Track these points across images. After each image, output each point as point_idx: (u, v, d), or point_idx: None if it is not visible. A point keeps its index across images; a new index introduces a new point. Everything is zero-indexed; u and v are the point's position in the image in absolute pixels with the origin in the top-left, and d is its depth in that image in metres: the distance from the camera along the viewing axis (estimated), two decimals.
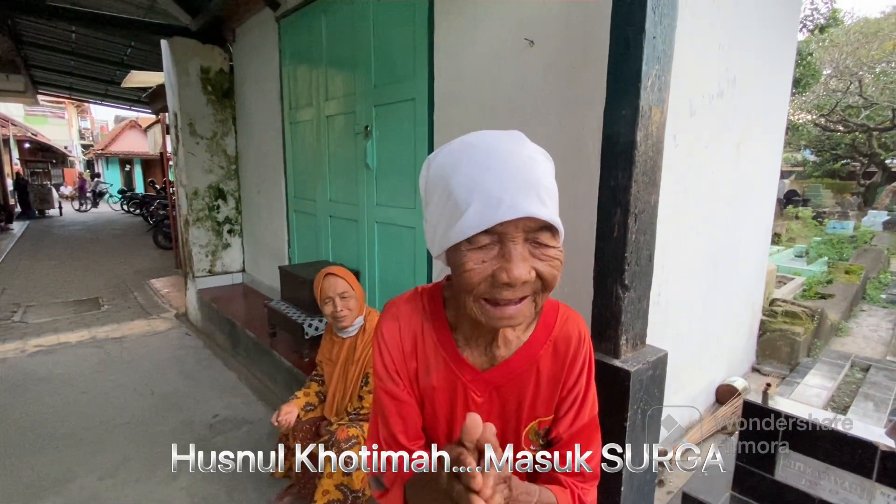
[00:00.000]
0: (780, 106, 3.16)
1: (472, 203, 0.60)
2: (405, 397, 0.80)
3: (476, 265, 0.62)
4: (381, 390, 0.81)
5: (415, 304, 0.82)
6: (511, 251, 0.61)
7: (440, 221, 0.66)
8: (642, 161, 1.42)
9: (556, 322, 0.80)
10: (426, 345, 0.79)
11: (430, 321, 0.80)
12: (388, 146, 3.00)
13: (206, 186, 4.90)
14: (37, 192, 16.07)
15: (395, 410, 0.79)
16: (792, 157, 18.74)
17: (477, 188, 0.61)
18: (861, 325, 4.60)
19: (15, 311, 5.30)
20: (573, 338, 0.80)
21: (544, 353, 0.79)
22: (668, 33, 1.42)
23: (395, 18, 2.81)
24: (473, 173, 0.62)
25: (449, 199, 0.63)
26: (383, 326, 0.81)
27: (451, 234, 0.63)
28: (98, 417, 3.02)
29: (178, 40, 4.56)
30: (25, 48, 8.24)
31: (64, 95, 14.03)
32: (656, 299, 1.98)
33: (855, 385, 3.04)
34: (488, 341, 0.78)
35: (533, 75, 2.06)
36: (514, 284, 0.62)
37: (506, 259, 0.61)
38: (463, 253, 0.63)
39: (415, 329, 0.80)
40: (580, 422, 0.80)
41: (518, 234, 0.61)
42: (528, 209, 0.60)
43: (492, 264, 0.62)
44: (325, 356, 2.26)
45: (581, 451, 0.77)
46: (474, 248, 0.62)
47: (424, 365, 0.79)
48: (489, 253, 0.62)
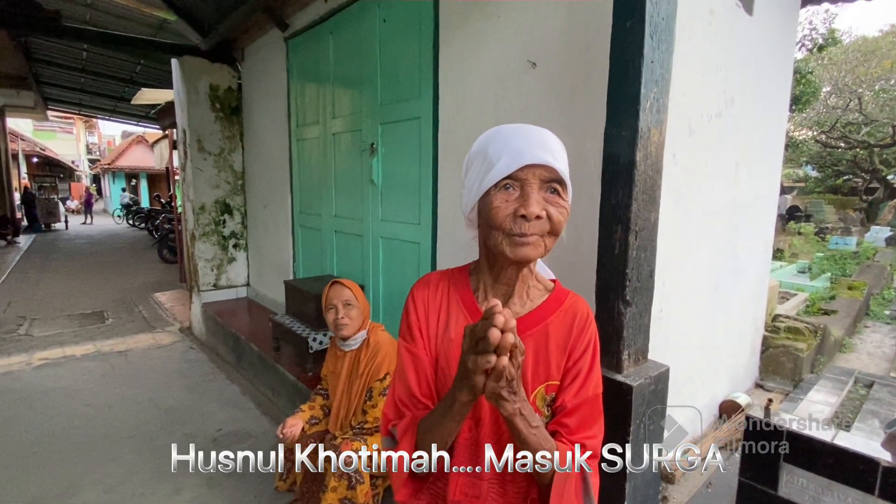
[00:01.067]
0: (778, 124, 3.21)
1: (503, 157, 0.79)
2: (422, 355, 0.90)
3: (501, 203, 0.79)
4: (403, 347, 0.92)
5: (444, 274, 0.97)
6: (529, 193, 0.78)
7: (476, 180, 0.83)
8: (642, 180, 1.46)
9: (567, 299, 0.92)
10: (450, 302, 0.92)
11: (455, 285, 0.94)
12: (394, 163, 3.05)
13: (213, 201, 4.97)
14: (43, 205, 16.23)
15: (412, 365, 0.90)
16: (794, 172, 18.82)
17: (507, 147, 0.80)
18: (865, 342, 4.59)
19: (21, 324, 5.34)
20: (580, 313, 0.90)
21: (554, 319, 0.89)
22: (665, 57, 1.47)
23: (400, 39, 2.89)
24: (506, 138, 0.81)
25: (485, 160, 0.82)
26: (415, 290, 0.95)
27: (484, 183, 0.80)
28: (102, 431, 3.03)
29: (189, 59, 4.67)
30: (36, 65, 8.42)
31: (73, 111, 14.28)
32: (658, 315, 2.00)
33: (859, 401, 3.03)
34: (506, 298, 0.89)
35: (535, 96, 2.12)
36: (530, 218, 0.78)
37: (524, 199, 0.78)
38: (492, 196, 0.80)
39: (442, 290, 0.94)
40: (584, 394, 0.87)
41: (535, 181, 0.79)
42: (544, 158, 0.78)
43: (514, 203, 0.79)
44: (329, 370, 2.28)
45: (583, 425, 0.86)
46: (501, 190, 0.79)
47: (445, 320, 0.91)
48: (512, 195, 0.79)
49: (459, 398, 0.73)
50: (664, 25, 1.45)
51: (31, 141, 20.65)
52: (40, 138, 23.35)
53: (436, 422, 0.80)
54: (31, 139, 20.84)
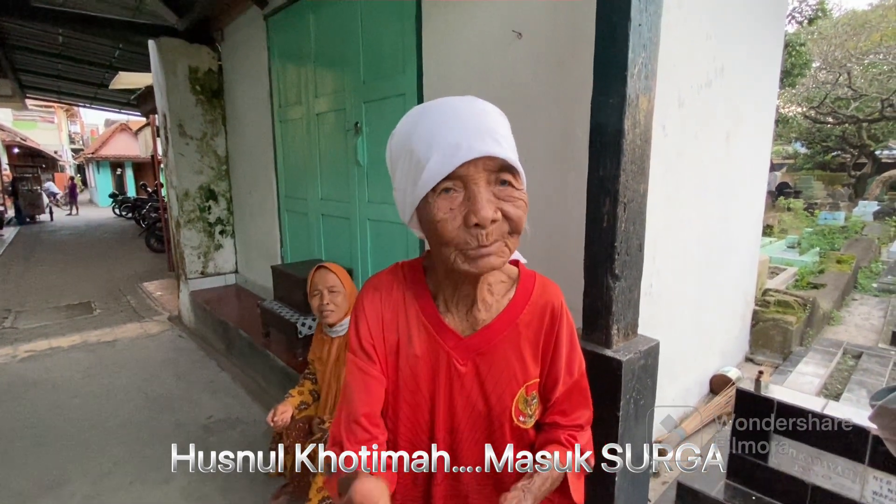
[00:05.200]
0: (769, 96, 3.17)
1: (433, 154, 0.64)
2: (374, 373, 0.79)
3: (445, 214, 0.65)
4: (352, 363, 0.80)
5: (395, 276, 0.83)
6: (475, 193, 0.64)
7: (407, 183, 0.69)
8: (630, 150, 1.42)
9: (535, 288, 0.82)
10: (408, 314, 0.80)
11: (411, 290, 0.81)
12: (379, 143, 2.98)
13: (197, 187, 4.87)
14: (27, 197, 15.93)
15: (362, 385, 0.79)
16: (783, 149, 18.86)
17: (435, 140, 0.64)
18: (853, 314, 4.63)
19: (6, 317, 5.25)
20: (551, 303, 0.82)
21: (524, 316, 0.80)
22: (653, 21, 1.41)
23: (383, 14, 2.79)
24: (431, 128, 0.65)
25: (412, 158, 0.67)
26: (364, 298, 0.81)
27: (418, 189, 0.66)
28: (90, 421, 2.99)
29: (166, 40, 4.52)
30: (11, 52, 8.14)
31: (52, 99, 13.89)
32: (648, 290, 1.98)
33: (847, 372, 3.05)
34: (468, 305, 0.79)
35: (521, 68, 2.06)
36: (484, 225, 0.64)
37: (472, 202, 0.64)
38: (431, 204, 0.65)
39: (396, 299, 0.81)
40: (569, 381, 0.83)
41: (480, 175, 0.64)
42: (485, 149, 0.63)
43: (460, 210, 0.65)
44: (315, 355, 2.24)
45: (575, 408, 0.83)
46: (440, 196, 0.65)
47: (406, 334, 0.80)
48: (456, 199, 0.65)
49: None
50: None
51: (11, 131, 20.17)
52: (21, 128, 22.84)
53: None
54: (10, 129, 20.34)
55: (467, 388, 0.80)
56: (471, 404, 0.80)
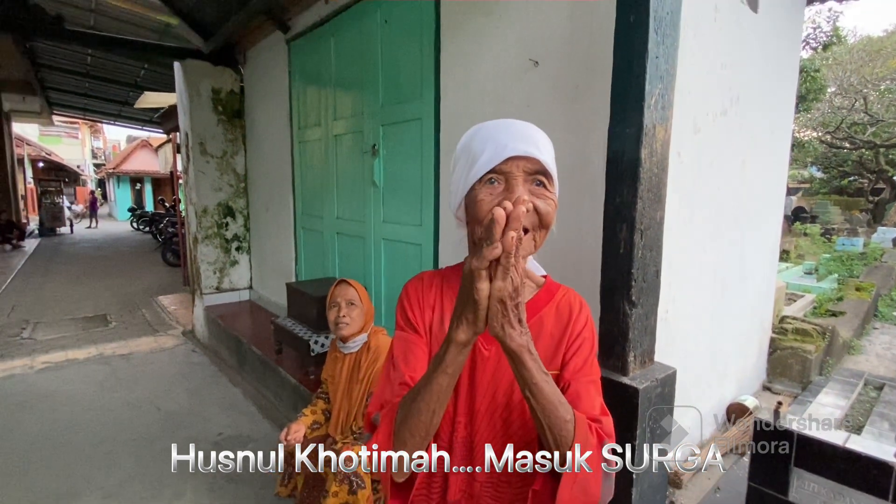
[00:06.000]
0: (784, 123, 3.17)
1: (486, 150, 0.78)
2: (420, 343, 0.88)
3: (486, 196, 0.78)
4: (398, 337, 0.90)
5: (437, 273, 0.97)
6: (514, 185, 0.77)
7: (462, 176, 0.83)
8: (647, 178, 1.43)
9: (559, 292, 0.91)
10: (444, 299, 0.91)
11: (448, 282, 0.93)
12: (395, 164, 3.03)
13: (216, 204, 4.97)
14: (49, 210, 16.32)
15: (408, 352, 0.87)
16: (799, 173, 18.70)
17: (489, 140, 0.79)
18: (874, 343, 4.53)
19: (24, 328, 5.34)
20: (574, 304, 0.89)
21: (547, 310, 0.88)
22: (670, 52, 1.44)
23: (402, 40, 2.87)
24: (488, 133, 0.81)
25: (469, 154, 0.82)
26: (408, 286, 0.94)
27: (469, 177, 0.80)
28: (103, 434, 3.01)
29: (191, 62, 4.67)
30: (42, 70, 8.48)
31: (78, 116, 14.39)
32: (664, 316, 1.97)
33: (869, 404, 2.98)
34: None
35: (538, 95, 2.10)
36: None
37: (510, 192, 0.77)
38: (477, 190, 0.79)
39: (435, 287, 0.93)
40: (587, 374, 0.84)
41: (519, 173, 0.77)
42: (527, 150, 0.77)
43: (499, 197, 0.77)
44: (328, 373, 2.25)
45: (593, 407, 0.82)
46: (485, 185, 0.78)
47: (440, 316, 0.90)
48: (497, 189, 0.78)
49: (456, 337, 0.68)
50: (669, 20, 1.42)
51: (37, 146, 20.79)
52: (46, 143, 23.51)
53: (424, 382, 0.73)
54: (36, 144, 20.98)
55: (489, 372, 0.85)
56: (492, 389, 0.85)
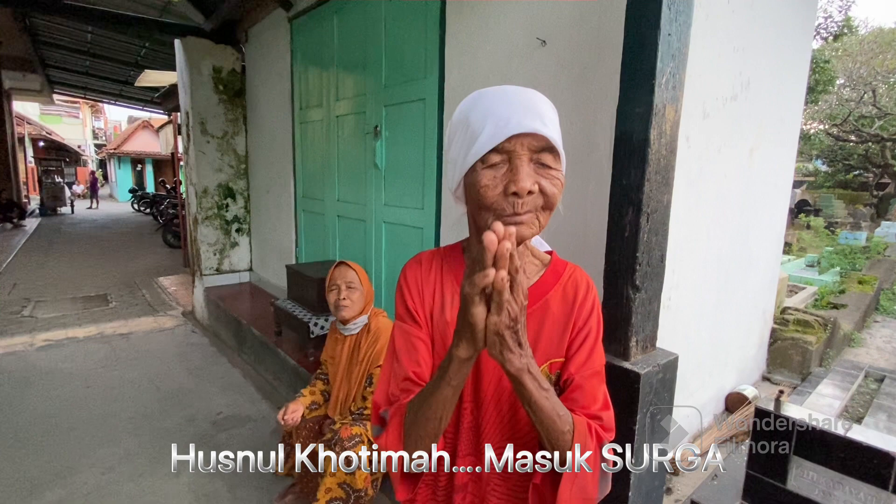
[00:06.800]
0: (794, 112, 3.12)
1: (486, 126, 0.71)
2: (420, 334, 0.84)
3: (489, 181, 0.72)
4: (399, 328, 0.86)
5: (437, 253, 0.91)
6: (518, 166, 0.71)
7: (460, 153, 0.76)
8: (655, 160, 1.40)
9: (565, 271, 0.86)
10: (444, 284, 0.86)
11: (448, 264, 0.88)
12: (398, 146, 2.99)
13: (216, 185, 4.93)
14: (50, 189, 16.27)
15: (409, 346, 0.84)
16: (803, 166, 18.57)
17: (490, 115, 0.71)
18: (875, 336, 4.52)
19: (25, 306, 5.34)
20: (581, 284, 0.85)
21: (554, 294, 0.83)
22: (683, 31, 1.40)
23: (406, 19, 2.81)
24: (488, 105, 0.73)
25: (468, 130, 0.74)
26: (406, 269, 0.90)
27: (468, 157, 0.73)
28: (102, 412, 3.02)
29: (192, 40, 4.60)
30: (42, 48, 8.36)
31: (79, 95, 14.24)
32: (666, 303, 1.95)
33: (869, 396, 2.97)
34: None
35: (545, 75, 2.05)
36: (521, 194, 0.71)
37: (514, 173, 0.71)
38: (478, 172, 0.73)
39: (434, 271, 0.88)
40: (592, 366, 0.82)
41: (524, 152, 0.71)
42: (532, 125, 0.69)
43: (502, 179, 0.72)
44: (328, 355, 2.25)
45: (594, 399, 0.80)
46: (487, 166, 0.72)
47: (440, 303, 0.85)
48: (500, 170, 0.72)
49: (458, 354, 0.66)
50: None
51: (38, 125, 20.66)
52: (47, 122, 23.36)
53: (430, 391, 0.72)
54: (37, 123, 20.84)
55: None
56: (497, 374, 0.82)
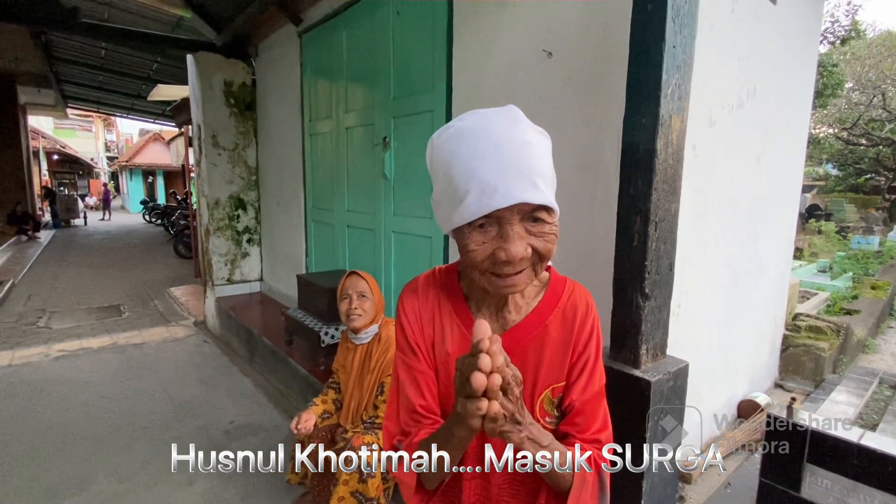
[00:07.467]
0: (801, 118, 3.12)
1: (471, 191, 0.66)
2: (422, 367, 0.84)
3: (478, 246, 0.69)
4: (400, 360, 0.86)
5: (432, 279, 0.88)
6: (508, 232, 0.68)
7: (443, 202, 0.73)
8: (662, 169, 1.42)
9: (564, 292, 0.85)
10: (442, 313, 0.85)
11: (445, 292, 0.86)
12: (406, 157, 3.03)
13: (227, 197, 5.00)
14: (63, 202, 16.55)
15: (412, 379, 0.83)
16: (814, 171, 18.41)
17: (474, 177, 0.66)
18: (889, 342, 4.46)
19: (40, 317, 5.43)
20: (580, 306, 0.84)
21: (553, 318, 0.83)
22: (687, 42, 1.42)
23: (414, 32, 2.86)
24: (470, 161, 0.67)
25: (449, 185, 0.70)
26: (403, 300, 0.87)
27: (454, 218, 0.70)
28: (117, 421, 3.06)
29: (203, 55, 4.70)
30: (57, 63, 8.56)
31: (92, 109, 14.52)
32: (676, 311, 1.95)
33: (884, 403, 2.94)
34: (499, 306, 0.83)
35: (551, 86, 2.08)
36: (512, 262, 0.68)
37: (504, 239, 0.68)
38: (466, 235, 0.70)
39: (432, 300, 0.86)
40: (591, 389, 0.82)
41: (514, 216, 0.68)
42: (522, 195, 0.65)
43: (492, 244, 0.69)
44: (340, 364, 2.27)
45: (593, 421, 0.81)
46: (475, 230, 0.69)
47: (440, 333, 0.84)
48: (489, 234, 0.69)
49: (457, 433, 0.66)
50: (686, 9, 1.40)
51: (52, 139, 21.06)
52: (60, 136, 23.80)
53: (439, 443, 0.73)
54: (51, 137, 21.25)
55: None
56: None
